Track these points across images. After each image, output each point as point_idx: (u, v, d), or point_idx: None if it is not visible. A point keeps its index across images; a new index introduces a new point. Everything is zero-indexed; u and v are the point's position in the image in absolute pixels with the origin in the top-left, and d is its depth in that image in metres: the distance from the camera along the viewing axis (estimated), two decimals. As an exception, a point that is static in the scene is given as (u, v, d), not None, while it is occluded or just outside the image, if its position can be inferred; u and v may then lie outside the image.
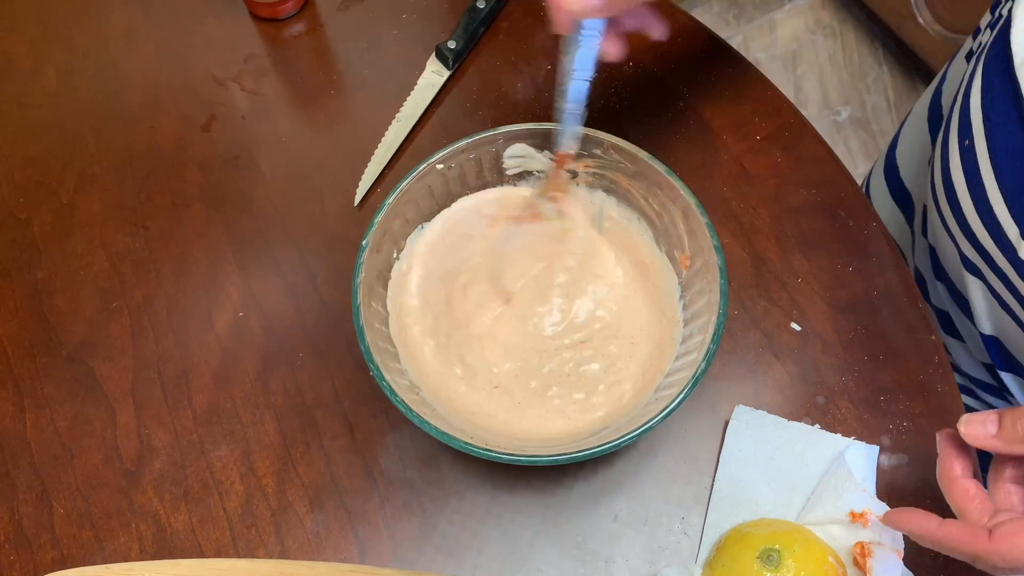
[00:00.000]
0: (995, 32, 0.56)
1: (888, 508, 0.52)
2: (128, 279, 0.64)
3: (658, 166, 0.53)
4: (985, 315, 0.61)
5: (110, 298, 0.63)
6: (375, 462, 0.57)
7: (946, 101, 0.69)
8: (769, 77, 0.70)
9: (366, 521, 0.55)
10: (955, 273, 0.63)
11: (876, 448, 0.55)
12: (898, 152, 0.77)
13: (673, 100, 0.69)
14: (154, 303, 0.63)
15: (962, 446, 0.45)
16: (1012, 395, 0.64)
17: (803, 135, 0.67)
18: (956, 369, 0.70)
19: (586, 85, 0.51)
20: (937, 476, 0.46)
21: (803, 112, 0.68)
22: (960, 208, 0.56)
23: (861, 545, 0.51)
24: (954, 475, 0.45)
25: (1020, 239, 0.52)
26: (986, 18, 0.64)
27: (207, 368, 0.61)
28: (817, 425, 0.57)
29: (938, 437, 0.46)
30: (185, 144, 0.69)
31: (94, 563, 0.54)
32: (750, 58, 1.78)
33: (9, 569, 0.55)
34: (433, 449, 0.57)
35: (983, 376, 0.67)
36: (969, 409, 0.69)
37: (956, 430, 0.45)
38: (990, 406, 0.69)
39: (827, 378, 0.58)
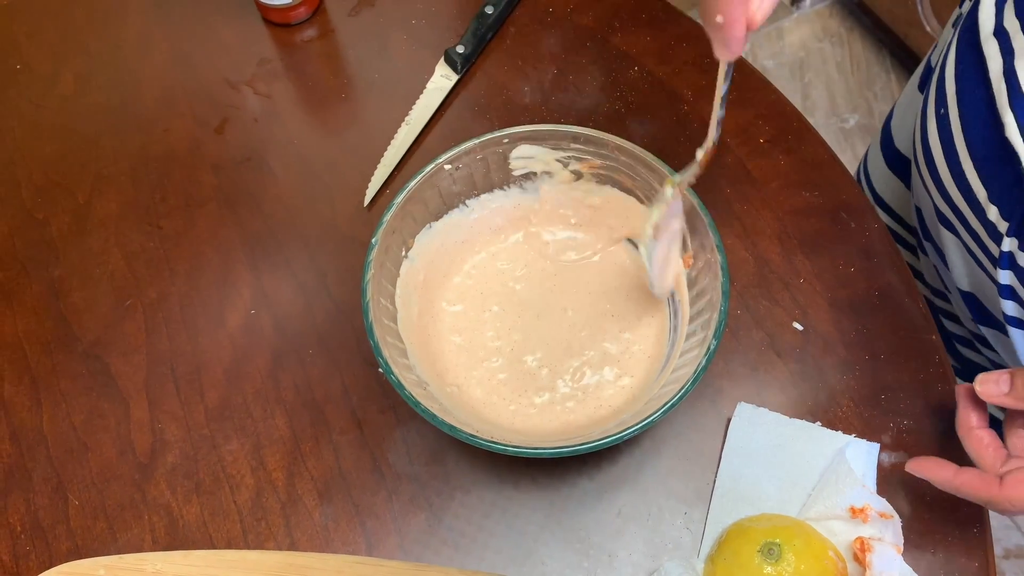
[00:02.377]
0: (972, 3, 0.58)
1: (888, 504, 0.53)
2: (142, 277, 0.65)
3: (662, 167, 0.54)
4: (962, 271, 0.63)
5: (125, 296, 0.65)
6: (383, 457, 0.58)
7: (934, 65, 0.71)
8: (776, 84, 0.71)
9: (374, 515, 0.56)
10: (934, 230, 0.64)
11: (876, 445, 0.56)
12: (893, 123, 0.79)
13: (677, 104, 0.70)
14: (168, 301, 0.64)
15: (978, 400, 0.49)
16: (995, 350, 0.66)
17: (806, 138, 0.68)
18: (956, 320, 0.73)
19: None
20: (956, 426, 0.50)
21: (810, 119, 0.69)
22: (937, 171, 0.59)
23: (861, 540, 0.52)
24: (971, 425, 0.50)
25: (988, 202, 0.54)
26: None
27: (219, 364, 0.62)
28: (818, 423, 0.57)
29: (957, 391, 0.51)
30: (199, 146, 0.71)
31: (108, 554, 0.56)
32: (758, 65, 1.79)
33: (25, 559, 0.56)
34: (440, 444, 0.58)
35: (977, 329, 0.68)
36: (969, 362, 0.74)
37: (972, 386, 0.49)
38: (988, 359, 0.71)
39: (828, 377, 0.59)
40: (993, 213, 0.54)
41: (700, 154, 0.51)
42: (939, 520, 0.54)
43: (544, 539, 0.55)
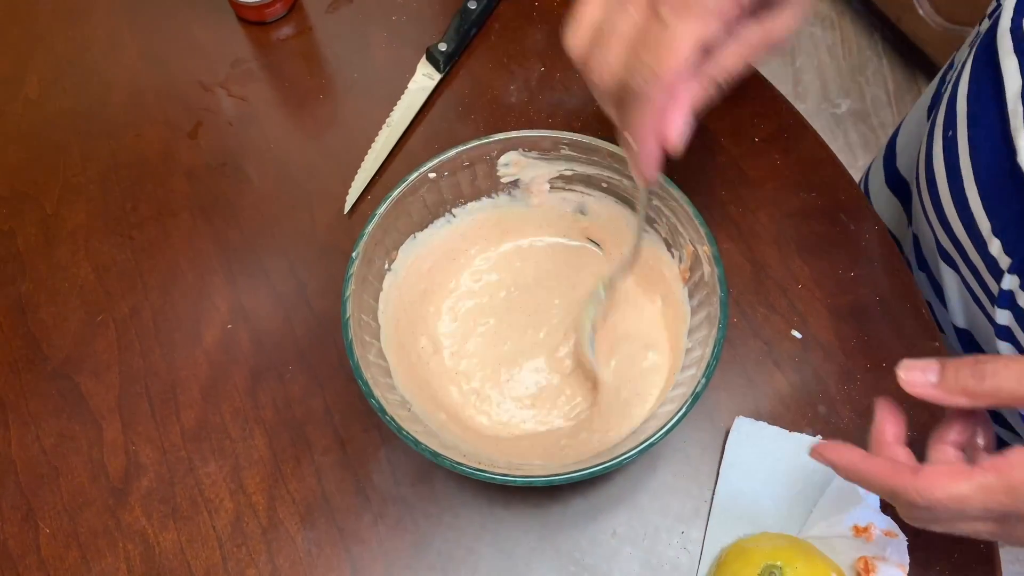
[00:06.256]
0: (991, 21, 0.55)
1: (892, 522, 0.51)
2: (114, 291, 0.63)
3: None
4: (958, 307, 0.60)
5: (95, 311, 0.62)
6: (367, 478, 0.56)
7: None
8: (767, 70, 0.69)
9: (359, 539, 0.54)
10: (933, 263, 0.62)
11: (880, 459, 0.54)
12: (898, 141, 0.76)
13: (669, 102, 0.67)
14: (140, 316, 0.62)
15: (896, 414, 0.43)
16: None
17: (802, 136, 0.66)
18: None
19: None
20: (870, 440, 0.44)
21: (802, 105, 0.67)
22: (939, 198, 0.56)
23: (865, 560, 0.50)
24: (885, 440, 0.43)
25: (991, 235, 0.51)
26: (991, 5, 0.63)
27: (195, 382, 0.59)
28: (819, 436, 0.55)
29: (876, 401, 0.44)
30: (171, 152, 0.68)
31: (81, 585, 0.53)
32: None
33: (-6, 592, 0.54)
34: (426, 464, 0.56)
35: None
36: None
37: (891, 399, 0.43)
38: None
39: (829, 387, 0.57)
40: (996, 247, 0.51)
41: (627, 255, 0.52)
42: (945, 538, 0.52)
43: (536, 562, 0.53)
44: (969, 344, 0.61)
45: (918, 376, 0.40)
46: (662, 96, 0.38)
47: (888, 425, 0.43)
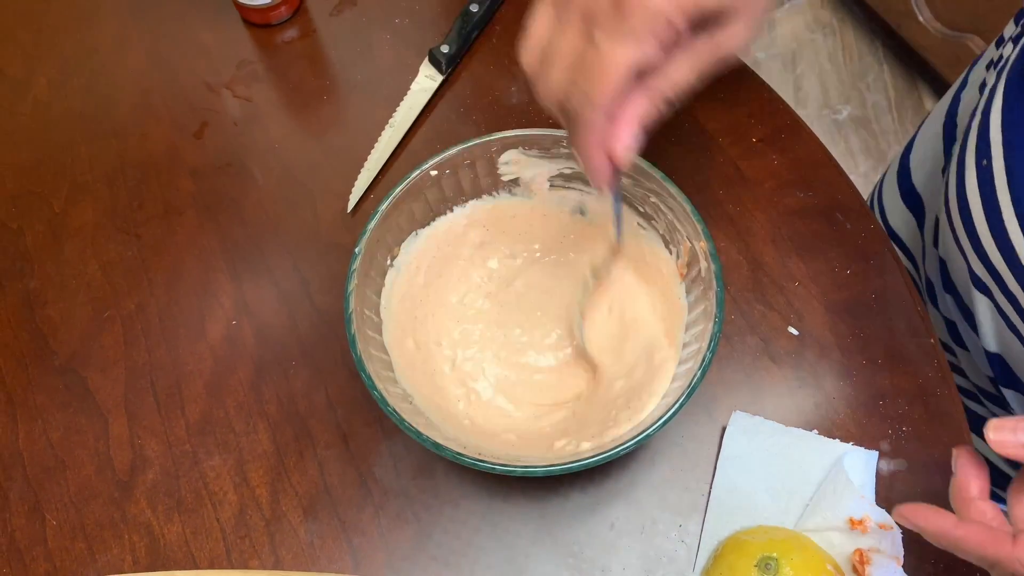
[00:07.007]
0: (1018, 48, 0.55)
1: (887, 514, 0.51)
2: (120, 288, 0.64)
3: (656, 173, 0.52)
4: (991, 332, 0.59)
5: (102, 307, 0.63)
6: (369, 471, 0.56)
7: (963, 111, 0.67)
8: (768, 76, 0.70)
9: (360, 531, 0.55)
10: (963, 288, 0.61)
11: (875, 453, 0.55)
12: (912, 157, 0.76)
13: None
14: (146, 312, 0.63)
15: (979, 465, 0.43)
16: (1013, 410, 0.63)
17: (800, 137, 0.67)
18: (962, 374, 0.69)
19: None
20: (951, 495, 0.43)
21: (803, 111, 0.68)
22: (974, 227, 0.55)
23: (860, 552, 0.51)
24: (970, 495, 0.42)
25: None
26: (1009, 28, 0.62)
27: (200, 377, 0.60)
28: (815, 431, 0.56)
29: (954, 454, 0.44)
30: (177, 152, 0.69)
31: None
32: (749, 57, 1.77)
33: (1, 582, 0.55)
34: (427, 458, 0.56)
35: (987, 386, 0.66)
36: (972, 415, 0.68)
37: (972, 448, 0.43)
38: (994, 413, 0.68)
39: (825, 383, 0.58)
40: None
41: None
42: (940, 530, 0.53)
43: (535, 554, 0.54)
44: (1001, 367, 0.61)
45: (1008, 436, 0.40)
46: (599, 118, 0.39)
47: (972, 480, 0.42)
